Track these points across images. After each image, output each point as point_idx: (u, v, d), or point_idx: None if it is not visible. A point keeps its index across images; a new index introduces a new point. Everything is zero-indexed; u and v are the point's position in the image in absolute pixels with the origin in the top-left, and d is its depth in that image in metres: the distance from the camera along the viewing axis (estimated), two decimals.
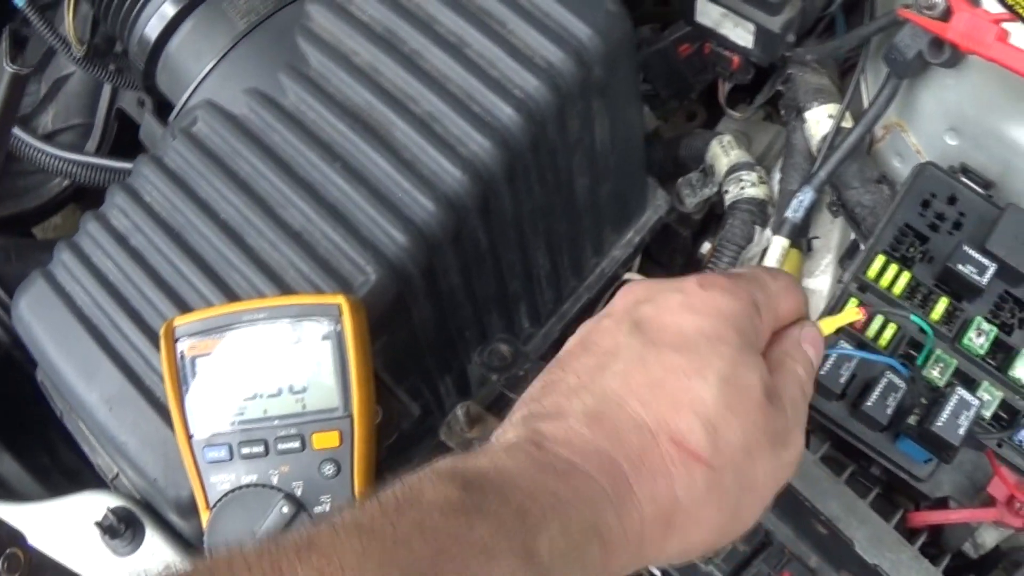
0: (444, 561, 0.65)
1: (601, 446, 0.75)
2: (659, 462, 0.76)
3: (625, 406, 0.77)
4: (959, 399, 1.05)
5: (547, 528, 0.69)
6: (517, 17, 1.12)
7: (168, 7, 1.30)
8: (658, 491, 0.75)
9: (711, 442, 0.76)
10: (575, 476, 0.73)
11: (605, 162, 1.25)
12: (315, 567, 0.61)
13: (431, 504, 0.67)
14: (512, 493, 0.70)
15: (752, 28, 1.33)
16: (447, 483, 0.69)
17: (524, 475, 0.72)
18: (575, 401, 0.78)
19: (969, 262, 1.13)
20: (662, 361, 0.78)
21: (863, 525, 1.06)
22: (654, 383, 0.78)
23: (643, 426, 0.76)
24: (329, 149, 1.10)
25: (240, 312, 0.99)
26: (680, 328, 0.80)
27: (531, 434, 0.76)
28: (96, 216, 1.14)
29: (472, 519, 0.67)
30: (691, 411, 0.76)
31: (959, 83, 1.22)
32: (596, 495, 0.73)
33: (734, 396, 0.78)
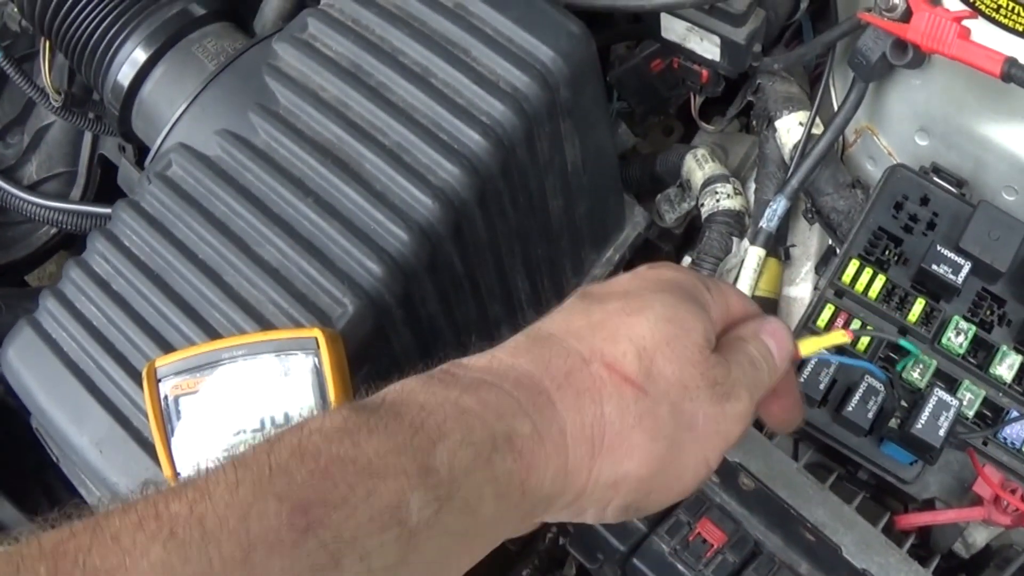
0: (325, 485, 0.63)
1: (522, 368, 0.74)
2: (587, 381, 0.74)
3: (560, 341, 0.76)
4: (938, 400, 1.06)
5: (446, 439, 0.67)
6: (481, 44, 1.13)
7: (139, 53, 1.31)
8: (584, 406, 0.74)
9: (645, 368, 0.75)
10: (483, 389, 0.71)
11: (579, 182, 1.26)
12: (187, 499, 0.60)
13: (312, 429, 0.65)
14: (406, 409, 0.68)
15: (717, 41, 1.34)
16: (337, 410, 0.68)
17: (425, 391, 0.70)
18: (508, 341, 0.77)
19: (943, 262, 1.13)
20: (604, 308, 0.78)
21: (850, 530, 1.07)
22: (594, 324, 0.77)
23: (574, 353, 0.75)
24: (302, 185, 1.10)
25: (219, 350, 0.99)
26: (625, 289, 0.81)
27: (449, 365, 0.75)
28: (78, 263, 1.15)
29: (357, 438, 0.65)
30: (627, 340, 0.76)
31: (925, 83, 1.23)
32: (507, 405, 0.71)
33: (673, 332, 0.77)
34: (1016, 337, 1.16)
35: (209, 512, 0.59)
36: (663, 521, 1.08)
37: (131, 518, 0.59)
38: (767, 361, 0.85)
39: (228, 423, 0.98)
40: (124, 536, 0.58)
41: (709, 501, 1.09)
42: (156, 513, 0.59)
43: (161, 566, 0.57)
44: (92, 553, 0.57)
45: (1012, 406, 1.13)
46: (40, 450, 1.24)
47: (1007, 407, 1.13)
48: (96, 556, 0.57)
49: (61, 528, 0.58)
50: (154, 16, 1.32)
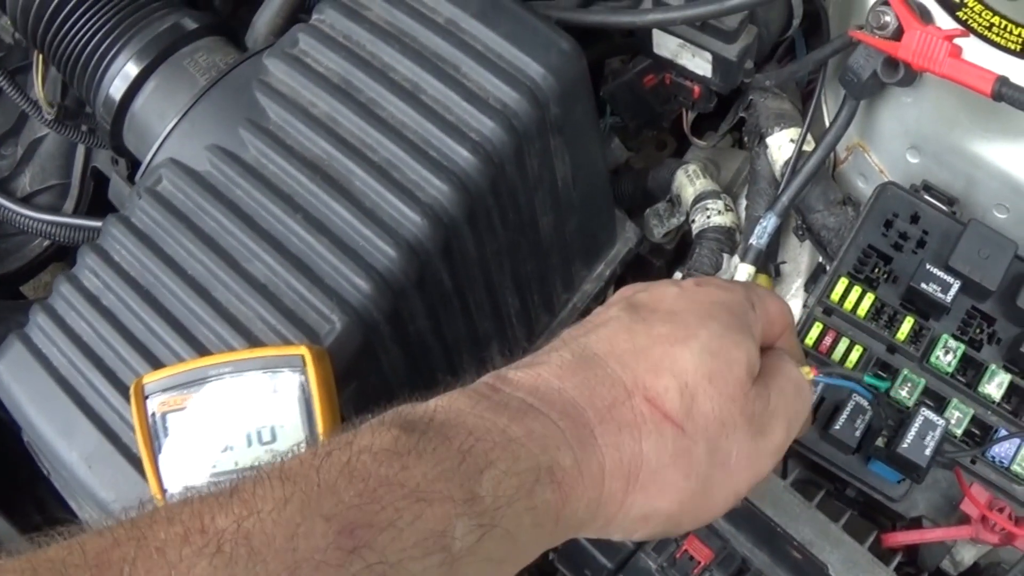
0: (373, 507, 0.63)
1: (568, 395, 0.74)
2: (629, 416, 0.75)
3: (604, 365, 0.77)
4: (924, 419, 1.06)
5: (492, 468, 0.68)
6: (471, 60, 1.13)
7: (131, 67, 1.31)
8: (623, 443, 0.74)
9: (685, 407, 0.76)
10: (530, 416, 0.72)
11: (569, 198, 1.26)
12: (234, 515, 0.60)
13: (362, 448, 0.66)
14: (455, 432, 0.69)
15: (709, 57, 1.33)
16: (386, 427, 0.68)
17: (472, 414, 0.71)
18: (553, 355, 0.77)
19: (932, 280, 1.13)
20: (649, 331, 0.79)
21: (837, 548, 1.07)
22: (638, 349, 0.78)
23: (618, 383, 0.76)
24: (291, 201, 1.10)
25: (206, 367, 1.00)
26: (672, 308, 0.81)
27: (494, 379, 0.75)
28: (68, 278, 1.15)
29: (406, 461, 0.66)
30: (670, 374, 0.76)
31: (917, 101, 1.23)
32: (552, 436, 0.72)
33: (716, 367, 0.77)
34: (1005, 355, 1.16)
35: (256, 529, 0.60)
36: None
37: (176, 530, 0.59)
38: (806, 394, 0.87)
39: (215, 440, 0.98)
40: (170, 549, 0.58)
41: None
42: (202, 527, 0.59)
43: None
44: (137, 565, 0.57)
45: (1001, 424, 1.13)
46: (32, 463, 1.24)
47: (995, 425, 1.13)
48: (141, 568, 0.57)
49: (103, 535, 0.59)
50: (146, 30, 1.32)
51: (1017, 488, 1.12)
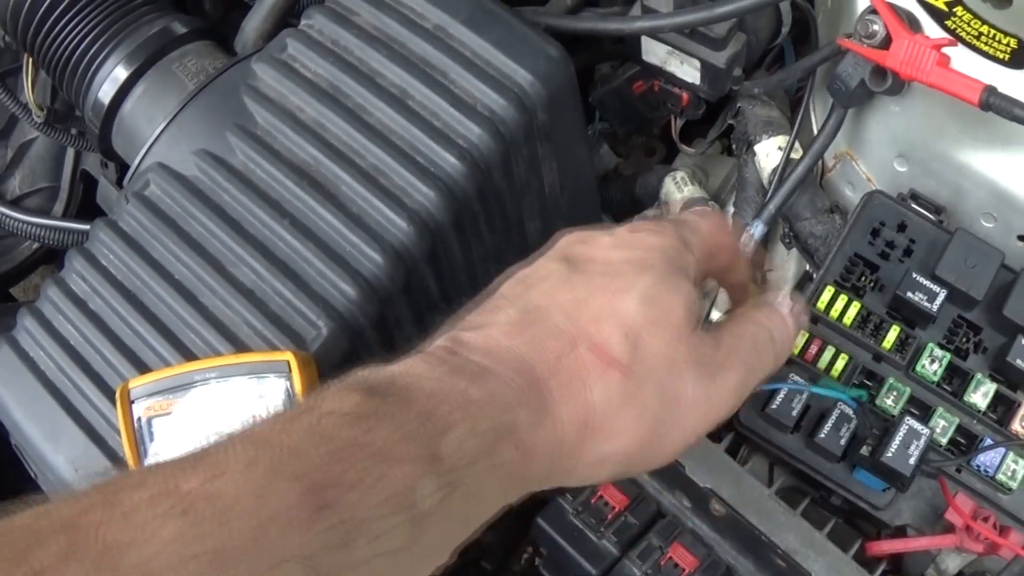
0: (338, 467, 0.64)
1: (518, 352, 0.76)
2: (576, 366, 0.76)
3: (548, 317, 0.78)
4: (908, 429, 1.06)
5: (454, 429, 0.69)
6: (459, 67, 1.13)
7: (120, 71, 1.31)
8: (574, 393, 0.76)
9: (630, 349, 0.77)
10: (488, 378, 0.73)
11: (556, 205, 1.26)
12: (202, 477, 0.60)
13: (327, 411, 0.67)
14: (416, 395, 0.70)
15: (698, 64, 1.34)
16: (349, 391, 0.69)
17: (432, 377, 0.72)
18: (499, 314, 0.79)
19: (919, 289, 1.13)
20: (588, 282, 0.80)
21: (821, 556, 1.07)
22: (579, 300, 0.79)
23: (563, 334, 0.77)
24: (278, 206, 1.10)
25: (192, 372, 1.00)
26: (607, 258, 0.82)
27: (449, 342, 0.76)
28: (56, 281, 1.15)
29: (370, 423, 0.67)
30: (613, 321, 0.78)
31: (904, 110, 1.23)
32: (510, 397, 0.73)
33: (656, 313, 0.79)
34: (992, 365, 1.16)
35: (224, 490, 0.60)
36: (635, 545, 1.08)
37: (144, 494, 0.59)
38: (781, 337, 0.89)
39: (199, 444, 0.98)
40: (139, 512, 0.58)
41: (681, 526, 1.10)
42: (168, 489, 0.59)
43: (176, 541, 0.58)
44: (107, 527, 0.57)
45: (986, 434, 1.13)
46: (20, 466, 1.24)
47: (981, 434, 1.13)
48: (111, 531, 0.57)
49: (73, 501, 0.59)
50: (135, 34, 1.32)
51: (1002, 497, 1.12)
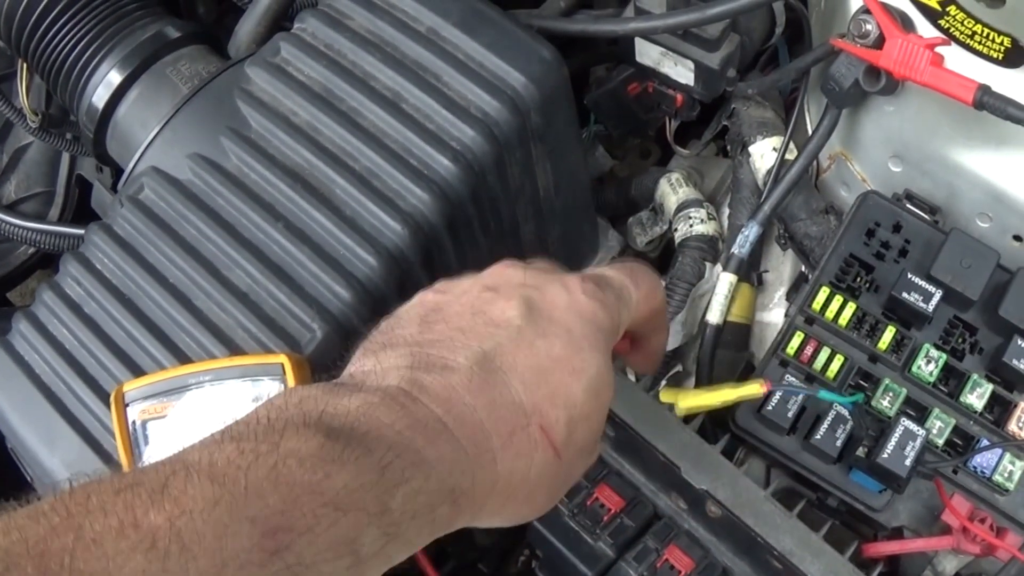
0: (294, 513, 0.67)
1: (477, 416, 0.80)
2: (525, 444, 0.82)
3: (509, 383, 0.83)
4: (904, 430, 1.06)
5: (405, 485, 0.73)
6: (452, 69, 1.14)
7: (114, 75, 1.31)
8: (516, 468, 0.81)
9: (567, 439, 0.84)
10: (443, 439, 0.77)
11: (550, 207, 1.26)
12: (167, 512, 0.63)
13: (289, 451, 0.69)
14: (376, 445, 0.73)
15: (691, 65, 1.34)
16: (309, 430, 0.71)
17: (392, 429, 0.75)
18: (462, 363, 0.82)
19: (914, 290, 1.13)
20: (550, 351, 0.85)
21: (817, 558, 1.06)
22: (539, 369, 0.84)
23: (519, 407, 0.82)
24: (272, 209, 1.10)
25: (186, 375, 1.00)
26: (568, 326, 0.87)
27: (411, 385, 0.79)
28: (51, 285, 1.15)
29: (329, 469, 0.69)
30: (563, 406, 0.84)
31: (899, 110, 1.23)
32: (459, 462, 0.77)
33: (595, 406, 0.86)
34: (988, 365, 1.16)
35: (188, 528, 0.63)
36: (631, 547, 1.08)
37: (112, 522, 0.61)
38: None
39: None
40: (107, 542, 0.61)
41: (677, 528, 1.09)
42: (135, 521, 0.62)
43: (142, 574, 0.60)
44: (76, 556, 0.60)
45: (982, 435, 1.13)
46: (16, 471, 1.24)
47: (977, 435, 1.13)
48: (80, 559, 0.60)
49: (39, 521, 0.61)
50: (129, 39, 1.32)
51: (999, 498, 1.12)
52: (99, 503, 0.63)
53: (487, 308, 0.87)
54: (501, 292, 0.88)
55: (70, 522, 0.61)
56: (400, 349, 0.84)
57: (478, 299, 0.88)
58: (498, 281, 0.90)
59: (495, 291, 0.88)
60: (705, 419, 1.23)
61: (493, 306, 0.87)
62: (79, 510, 0.62)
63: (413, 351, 0.83)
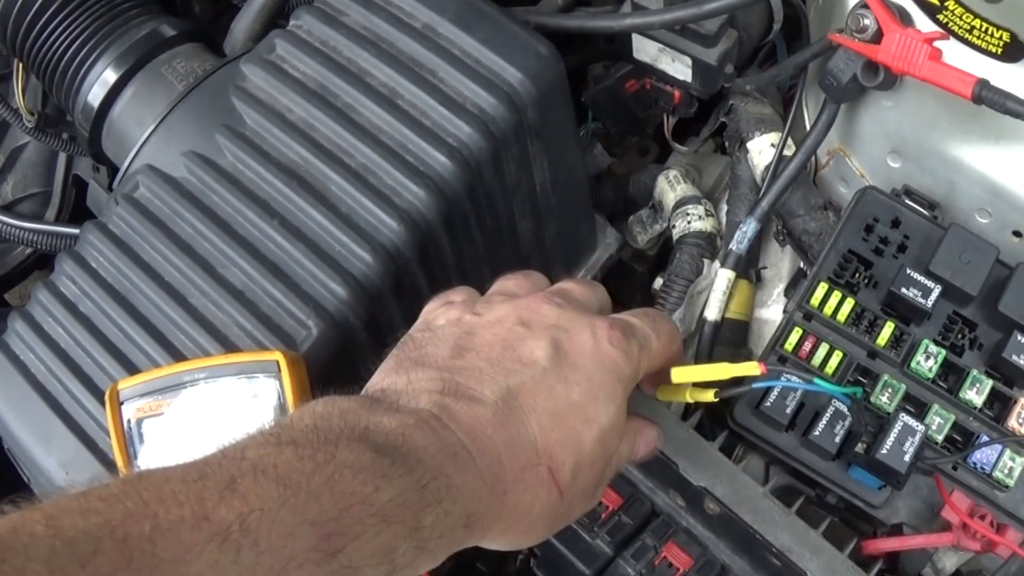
0: (347, 519, 0.72)
1: (495, 448, 0.85)
2: (534, 481, 0.87)
3: (527, 421, 0.87)
4: (903, 425, 1.05)
5: (436, 506, 0.78)
6: (448, 65, 1.13)
7: (109, 74, 1.31)
8: (521, 500, 0.86)
9: (570, 482, 0.89)
10: (469, 469, 0.82)
11: (548, 203, 1.25)
12: (237, 510, 0.67)
13: (344, 463, 0.74)
14: (416, 466, 0.78)
15: (689, 62, 1.33)
16: (360, 444, 0.77)
17: (428, 452, 0.80)
18: (488, 396, 0.87)
19: (913, 285, 1.13)
20: (568, 396, 0.89)
21: (816, 555, 1.06)
22: (556, 414, 0.88)
23: (533, 445, 0.87)
24: (267, 207, 1.10)
25: (181, 373, 1.00)
26: (589, 374, 0.91)
27: (441, 411, 0.84)
28: (46, 284, 1.15)
29: (380, 483, 0.75)
30: (572, 452, 0.88)
31: (897, 105, 1.22)
32: (479, 490, 0.83)
33: (600, 452, 0.91)
34: (987, 361, 1.15)
35: (256, 525, 0.68)
36: (629, 545, 1.07)
37: (185, 513, 0.66)
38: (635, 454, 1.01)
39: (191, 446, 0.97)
40: (183, 532, 0.65)
41: (676, 525, 1.09)
42: (207, 514, 0.66)
43: (215, 566, 0.65)
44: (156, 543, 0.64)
45: (982, 431, 1.12)
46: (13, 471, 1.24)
47: (977, 432, 1.13)
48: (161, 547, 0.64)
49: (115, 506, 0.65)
50: (124, 37, 1.32)
51: (999, 495, 1.12)
52: (172, 493, 0.67)
53: (517, 344, 0.91)
54: (533, 330, 0.92)
55: (146, 510, 0.65)
56: (431, 371, 0.88)
57: (510, 333, 0.92)
58: (532, 317, 0.93)
59: (527, 327, 0.92)
60: (703, 416, 1.23)
61: (523, 344, 0.91)
62: (152, 498, 0.66)
63: (444, 376, 0.87)
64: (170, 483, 0.68)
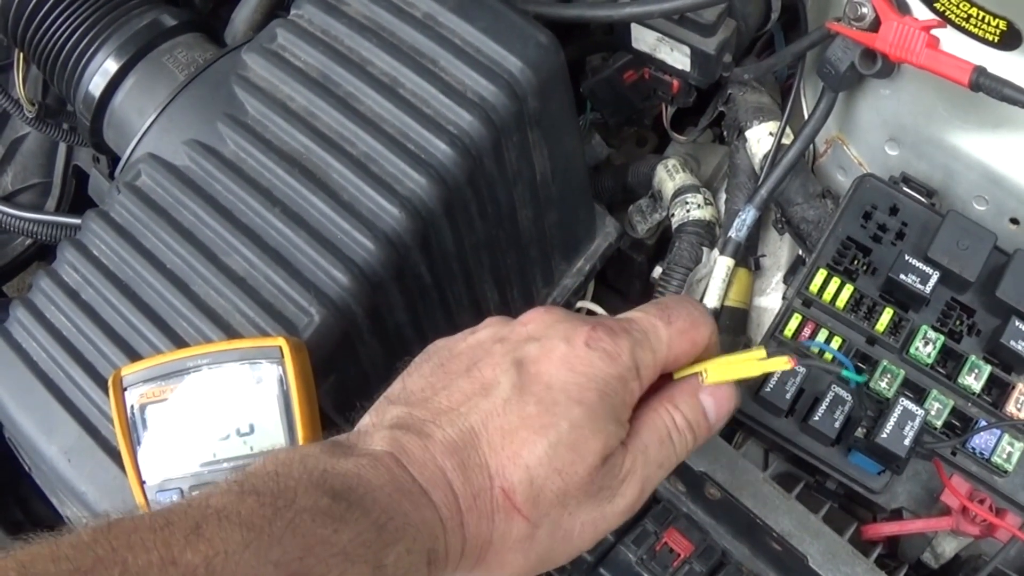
0: (311, 558, 0.73)
1: (448, 477, 0.84)
2: (488, 506, 0.85)
3: (478, 446, 0.86)
4: (903, 409, 1.06)
5: (396, 545, 0.78)
6: (449, 54, 1.13)
7: (110, 64, 1.31)
8: (481, 530, 0.85)
9: (532, 497, 0.85)
10: (423, 505, 0.82)
11: (548, 192, 1.26)
12: (203, 553, 0.69)
13: (303, 508, 0.75)
14: (372, 507, 0.79)
15: (688, 51, 1.34)
16: (318, 490, 0.77)
17: (384, 492, 0.80)
18: (442, 428, 0.86)
19: (911, 271, 1.13)
20: (522, 410, 0.86)
21: (816, 540, 1.06)
22: (507, 431, 0.86)
23: (485, 467, 0.85)
24: (269, 195, 1.10)
25: (184, 359, 1.00)
26: (550, 381, 0.88)
27: (395, 448, 0.84)
28: (48, 272, 1.14)
29: (338, 525, 0.76)
30: (524, 467, 0.85)
31: (895, 93, 1.23)
32: (436, 526, 0.82)
33: (567, 459, 0.85)
34: (985, 347, 1.16)
35: (221, 568, 0.69)
36: (630, 531, 1.08)
37: (152, 558, 0.68)
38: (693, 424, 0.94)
39: (194, 432, 0.99)
40: None
41: (676, 511, 1.09)
42: (173, 559, 0.68)
43: None
44: None
45: (980, 416, 1.13)
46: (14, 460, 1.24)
47: (975, 417, 1.13)
48: None
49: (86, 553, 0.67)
50: (125, 27, 1.32)
51: (997, 479, 1.12)
52: (140, 540, 0.68)
53: (481, 364, 0.90)
54: (504, 345, 0.90)
55: (115, 556, 0.67)
56: (397, 408, 0.88)
57: (480, 352, 0.91)
58: (510, 333, 0.92)
59: (502, 342, 0.91)
60: None
61: (486, 363, 0.89)
62: (121, 545, 0.68)
63: (402, 413, 0.88)
64: (138, 531, 0.69)
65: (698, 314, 0.96)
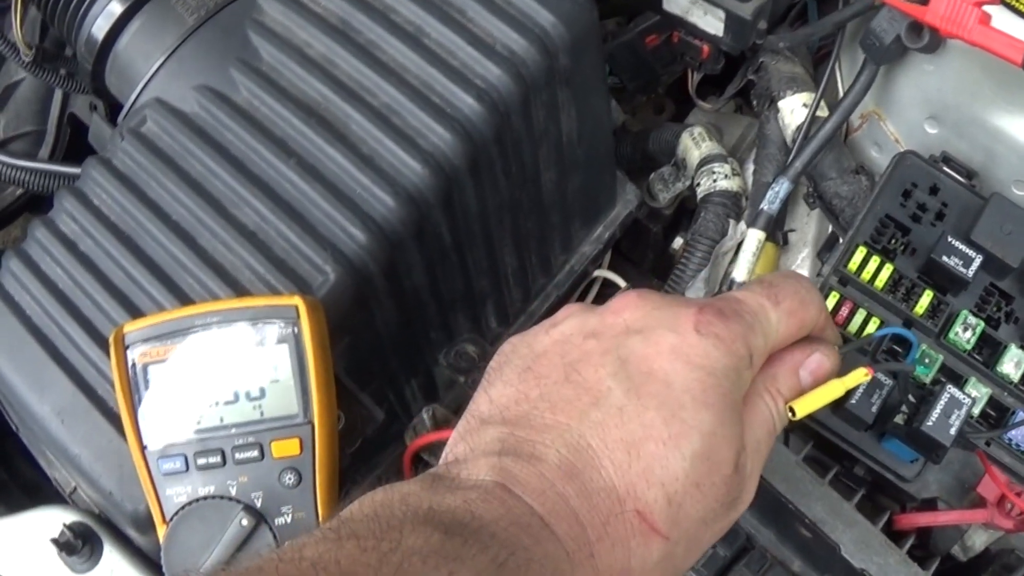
0: None
1: (571, 505, 0.75)
2: (622, 532, 0.76)
3: (599, 466, 0.76)
4: (950, 397, 1.01)
5: None
6: (478, 5, 1.09)
7: (115, 5, 1.27)
8: (615, 560, 0.75)
9: (672, 517, 0.76)
10: (544, 538, 0.73)
11: (573, 155, 1.22)
12: None
13: (411, 550, 0.68)
14: (489, 543, 0.70)
15: (722, 15, 1.31)
16: (426, 527, 0.70)
17: (499, 525, 0.72)
18: (550, 447, 0.77)
19: (954, 254, 1.10)
20: (642, 418, 0.77)
21: (849, 528, 1.04)
22: (630, 443, 0.76)
23: (612, 490, 0.76)
24: (283, 145, 1.06)
25: (192, 316, 0.95)
26: (667, 379, 0.78)
27: (505, 477, 0.75)
28: (44, 222, 1.11)
29: (453, 566, 0.67)
30: (660, 484, 0.76)
31: (939, 69, 1.20)
32: (562, 560, 0.73)
33: (704, 472, 0.77)
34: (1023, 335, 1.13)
35: None
36: None
37: None
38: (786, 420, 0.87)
39: (200, 394, 0.95)
40: None
41: None
42: None
43: None
44: None
45: (1018, 406, 1.11)
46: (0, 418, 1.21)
47: (1012, 407, 1.11)
48: None
49: None
50: None
51: None
52: None
53: (581, 367, 0.80)
54: (600, 341, 0.81)
55: None
56: (492, 429, 0.79)
57: (573, 350, 0.81)
58: (600, 325, 0.83)
59: (595, 339, 0.81)
60: None
61: (587, 364, 0.80)
62: None
63: (503, 434, 0.78)
64: None
65: (805, 292, 0.88)
